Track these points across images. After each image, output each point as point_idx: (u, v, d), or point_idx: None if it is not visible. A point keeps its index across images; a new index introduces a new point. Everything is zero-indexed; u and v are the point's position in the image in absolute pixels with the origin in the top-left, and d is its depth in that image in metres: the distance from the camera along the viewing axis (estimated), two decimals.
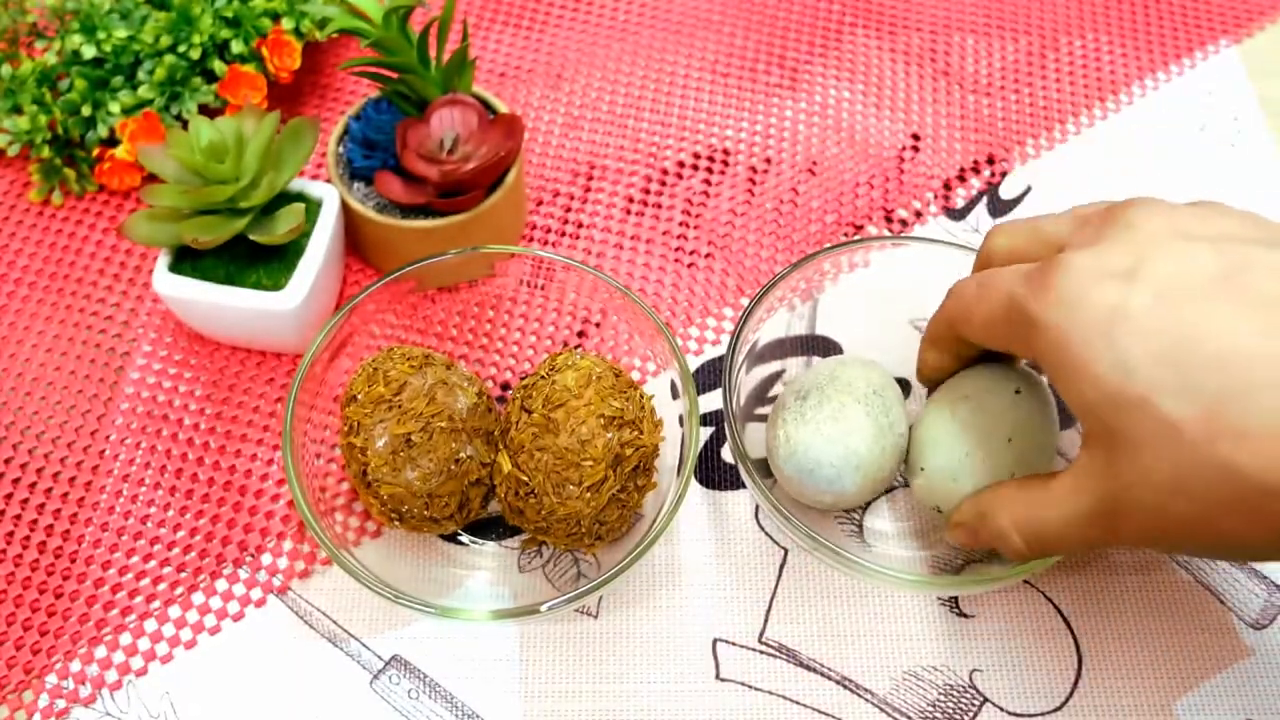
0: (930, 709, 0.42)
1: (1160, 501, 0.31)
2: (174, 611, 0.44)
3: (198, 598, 0.45)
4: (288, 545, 0.46)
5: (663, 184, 0.57)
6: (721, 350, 0.52)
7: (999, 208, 0.56)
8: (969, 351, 0.41)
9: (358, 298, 0.44)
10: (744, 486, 0.48)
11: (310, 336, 0.47)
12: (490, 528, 0.46)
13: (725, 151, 0.58)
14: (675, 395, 0.44)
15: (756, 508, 0.47)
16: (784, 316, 0.47)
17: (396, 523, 0.43)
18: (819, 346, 0.50)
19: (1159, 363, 0.31)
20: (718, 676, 0.43)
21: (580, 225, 0.56)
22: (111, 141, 0.55)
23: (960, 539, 0.40)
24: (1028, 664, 0.43)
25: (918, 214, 0.56)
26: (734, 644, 0.44)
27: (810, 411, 0.42)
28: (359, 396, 0.42)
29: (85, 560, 0.46)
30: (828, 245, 0.49)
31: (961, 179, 0.58)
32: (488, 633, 0.44)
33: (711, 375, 0.51)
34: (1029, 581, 0.45)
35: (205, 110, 0.56)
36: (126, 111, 0.54)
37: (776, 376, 0.49)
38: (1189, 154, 0.59)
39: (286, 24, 0.55)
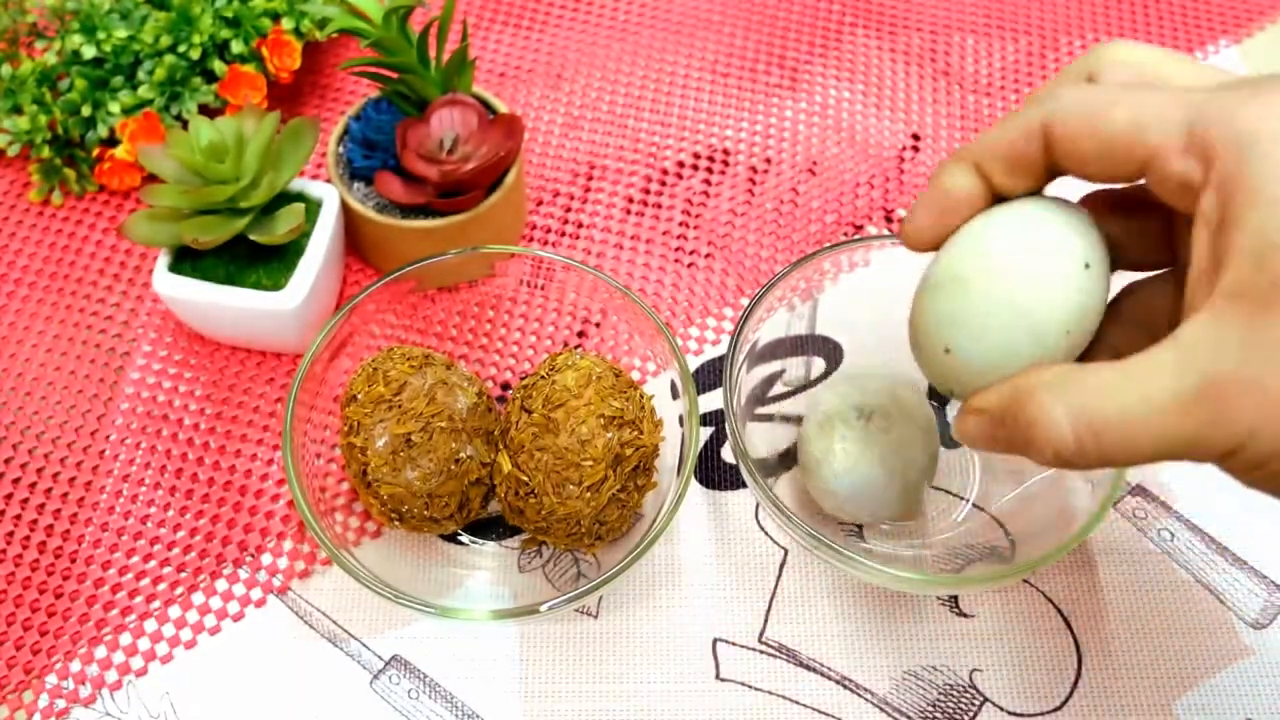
0: (930, 709, 0.42)
1: None
2: (174, 611, 0.44)
3: (198, 598, 0.45)
4: (288, 545, 0.46)
5: (663, 184, 0.57)
6: (721, 350, 0.52)
7: None
8: (1016, 184, 0.32)
9: (358, 298, 0.44)
10: (744, 486, 0.48)
11: (310, 336, 0.47)
12: (490, 528, 0.46)
13: (725, 151, 0.58)
14: (675, 395, 0.44)
15: (756, 507, 0.47)
16: (784, 316, 0.47)
17: (396, 523, 0.43)
18: (819, 346, 0.50)
19: None
20: (718, 676, 0.43)
21: (580, 225, 0.56)
22: (111, 141, 0.55)
23: (972, 430, 0.32)
24: (1028, 664, 0.43)
25: None
26: (734, 644, 0.44)
27: (876, 434, 0.43)
28: (359, 396, 0.42)
29: (85, 560, 0.46)
30: (828, 245, 0.49)
31: None
32: (488, 633, 0.44)
33: (711, 375, 0.51)
34: (1029, 581, 0.45)
35: (205, 110, 0.56)
36: (126, 111, 0.54)
37: (777, 376, 0.49)
38: None
39: (286, 24, 0.55)
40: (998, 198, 0.33)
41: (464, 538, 0.46)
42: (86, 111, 0.54)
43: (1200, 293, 0.28)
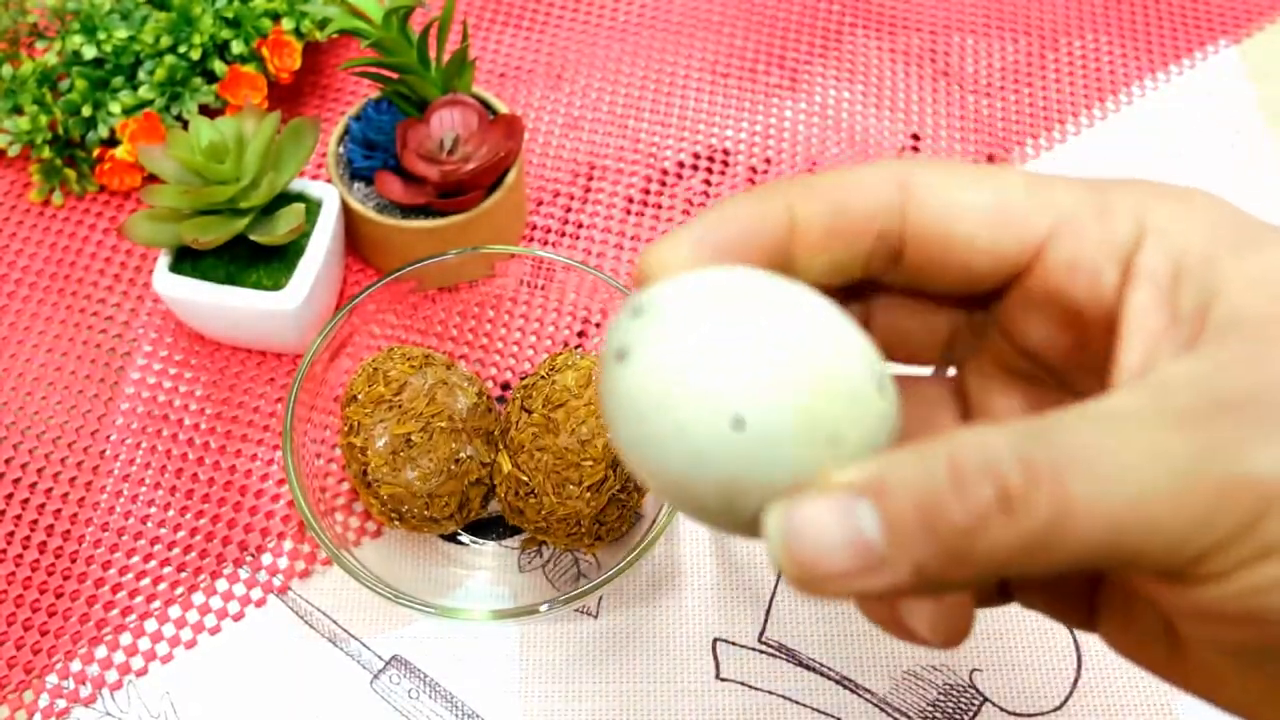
0: (930, 708, 0.42)
1: None
2: (174, 611, 0.45)
3: (198, 598, 0.45)
4: (288, 545, 0.46)
5: (663, 184, 0.57)
6: None
7: None
8: (819, 259, 0.23)
9: (358, 298, 0.44)
10: None
11: (310, 337, 0.47)
12: (490, 527, 0.46)
13: (725, 152, 0.58)
14: None
15: None
16: None
17: (396, 523, 0.43)
18: None
19: None
20: (718, 676, 0.43)
21: (580, 225, 0.56)
22: (112, 142, 0.55)
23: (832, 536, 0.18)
24: (1027, 663, 0.43)
25: None
26: (734, 644, 0.44)
27: None
28: (359, 396, 0.42)
29: (86, 560, 0.46)
30: None
31: None
32: (488, 633, 0.44)
33: None
34: None
35: (205, 110, 0.56)
36: (127, 112, 0.54)
37: None
38: (1189, 154, 0.59)
39: (287, 24, 0.55)
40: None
41: (464, 538, 0.46)
42: (87, 112, 0.54)
43: (1150, 352, 0.20)
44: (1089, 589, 0.25)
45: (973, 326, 0.25)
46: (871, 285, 0.25)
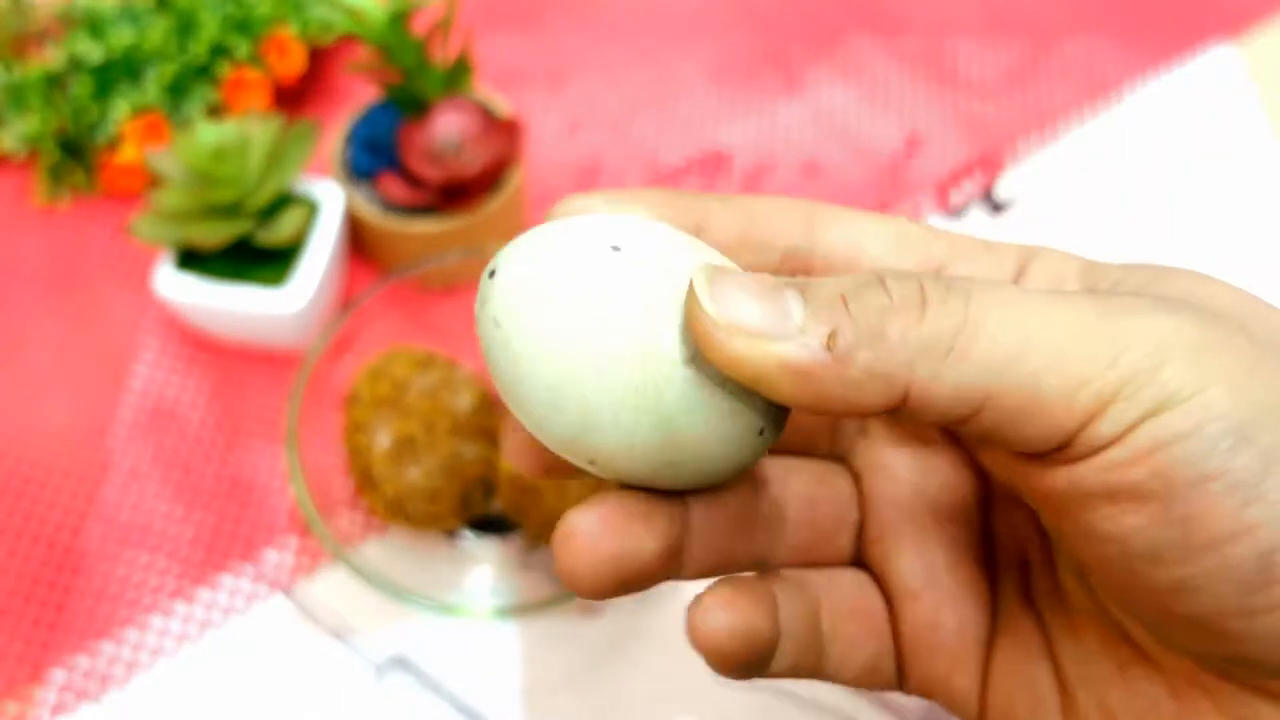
0: (931, 703, 0.43)
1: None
2: (178, 609, 0.45)
3: (202, 595, 0.45)
4: (292, 543, 0.47)
5: (663, 186, 0.58)
6: None
7: (996, 208, 0.57)
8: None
9: (361, 299, 0.45)
10: None
11: (313, 337, 0.48)
12: (493, 526, 0.46)
13: (724, 154, 0.59)
14: None
15: None
16: None
17: (400, 521, 0.43)
18: None
19: None
20: (717, 673, 0.43)
21: None
22: (117, 144, 0.56)
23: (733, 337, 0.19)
24: None
25: (916, 215, 0.56)
26: None
27: None
28: (362, 396, 0.42)
29: (92, 558, 0.46)
30: None
31: (959, 180, 0.58)
32: (490, 630, 0.44)
33: None
34: None
35: (210, 113, 0.56)
36: (132, 114, 0.54)
37: None
38: (1188, 154, 0.59)
39: (291, 27, 0.56)
40: None
41: (467, 535, 0.46)
42: (92, 114, 0.54)
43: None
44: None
45: None
46: None
